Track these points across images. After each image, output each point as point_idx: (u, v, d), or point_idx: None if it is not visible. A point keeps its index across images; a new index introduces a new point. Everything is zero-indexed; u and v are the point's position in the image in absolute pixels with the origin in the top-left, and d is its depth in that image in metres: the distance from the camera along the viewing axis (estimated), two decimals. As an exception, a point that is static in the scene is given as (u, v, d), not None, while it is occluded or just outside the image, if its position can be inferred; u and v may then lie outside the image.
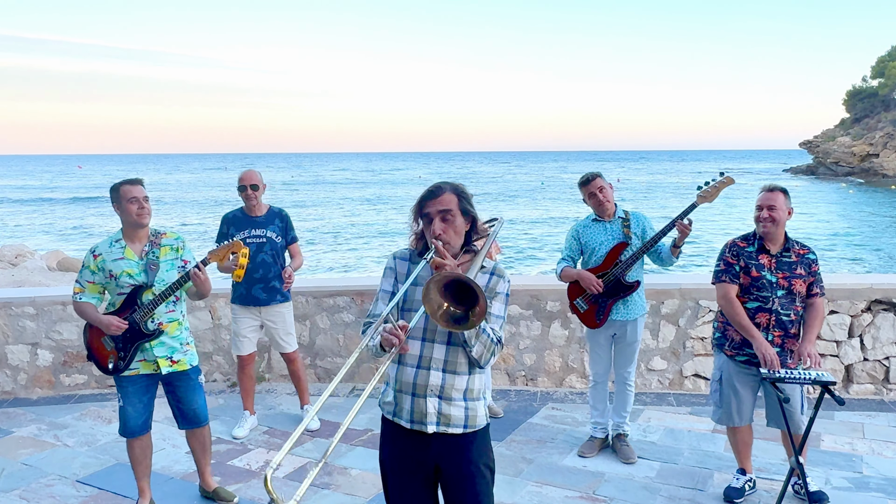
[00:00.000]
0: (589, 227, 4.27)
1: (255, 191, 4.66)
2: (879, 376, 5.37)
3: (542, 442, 4.60)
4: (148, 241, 3.60)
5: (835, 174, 59.37)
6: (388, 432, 2.50)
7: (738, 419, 3.77)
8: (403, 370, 2.39)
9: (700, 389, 5.51)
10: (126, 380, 3.60)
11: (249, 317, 4.80)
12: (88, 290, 3.58)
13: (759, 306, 3.62)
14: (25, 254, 16.51)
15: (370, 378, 5.85)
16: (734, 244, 3.74)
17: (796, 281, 3.61)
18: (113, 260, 3.52)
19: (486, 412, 2.47)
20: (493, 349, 2.28)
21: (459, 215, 2.38)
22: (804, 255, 3.66)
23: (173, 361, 3.61)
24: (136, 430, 3.65)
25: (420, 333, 2.36)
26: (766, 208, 3.58)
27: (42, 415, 5.23)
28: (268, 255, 4.66)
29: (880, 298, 5.30)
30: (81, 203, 47.56)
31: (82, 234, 30.89)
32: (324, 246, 25.63)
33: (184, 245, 3.71)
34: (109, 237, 3.64)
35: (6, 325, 5.71)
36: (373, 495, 3.90)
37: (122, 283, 3.52)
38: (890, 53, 61.88)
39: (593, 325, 4.25)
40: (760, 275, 3.61)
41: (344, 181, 72.25)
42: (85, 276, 3.57)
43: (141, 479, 3.74)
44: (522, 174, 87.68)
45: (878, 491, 3.86)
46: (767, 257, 3.63)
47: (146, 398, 3.66)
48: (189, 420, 3.74)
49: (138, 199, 3.52)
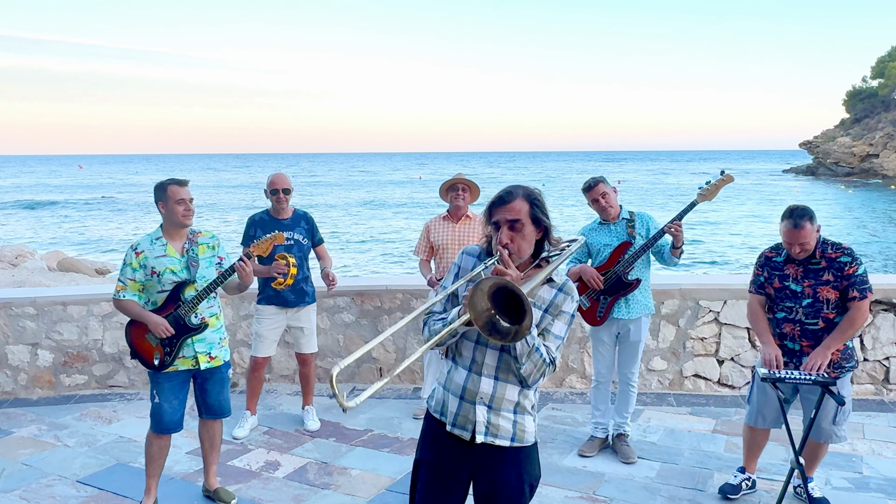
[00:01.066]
0: (595, 231, 4.32)
1: (287, 195, 4.71)
2: (879, 376, 5.37)
3: (542, 442, 4.60)
4: (187, 240, 3.68)
5: (835, 174, 59.39)
6: (430, 430, 2.40)
7: (761, 421, 3.73)
8: (456, 371, 2.32)
9: (700, 390, 5.51)
10: (163, 376, 3.64)
11: (275, 318, 4.82)
12: (130, 288, 3.60)
13: (784, 316, 3.60)
14: (25, 254, 16.51)
15: (370, 378, 5.88)
16: (763, 255, 3.73)
17: (823, 289, 3.50)
18: (156, 257, 3.58)
19: (536, 429, 2.38)
20: (544, 370, 2.18)
21: (530, 224, 2.24)
22: (835, 259, 3.51)
23: (211, 357, 3.69)
24: (169, 426, 3.69)
25: (474, 336, 2.27)
26: (797, 245, 3.46)
27: (42, 415, 5.24)
28: (296, 257, 4.68)
29: (880, 298, 5.30)
30: (81, 203, 47.58)
31: (82, 233, 30.89)
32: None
33: (218, 243, 3.81)
34: (149, 235, 3.68)
35: (6, 326, 5.71)
36: (373, 495, 3.90)
37: (164, 281, 3.58)
38: (890, 54, 61.92)
39: (594, 322, 4.26)
40: (783, 285, 3.58)
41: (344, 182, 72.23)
42: (127, 274, 3.59)
43: (151, 477, 3.77)
44: (523, 174, 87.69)
45: (878, 491, 3.86)
46: (794, 267, 3.57)
47: (181, 395, 3.72)
48: (213, 411, 3.81)
49: (185, 200, 3.58)
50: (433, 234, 5.01)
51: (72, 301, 5.73)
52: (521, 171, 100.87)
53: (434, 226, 5.04)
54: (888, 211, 35.87)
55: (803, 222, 3.41)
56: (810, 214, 3.44)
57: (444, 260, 4.95)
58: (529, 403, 2.34)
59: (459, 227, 4.97)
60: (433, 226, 5.05)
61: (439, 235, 4.98)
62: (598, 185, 4.23)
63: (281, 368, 5.91)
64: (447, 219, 5.02)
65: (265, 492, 3.98)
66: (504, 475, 2.30)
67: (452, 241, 4.94)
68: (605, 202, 4.20)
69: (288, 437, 4.76)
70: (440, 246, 4.96)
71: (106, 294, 5.85)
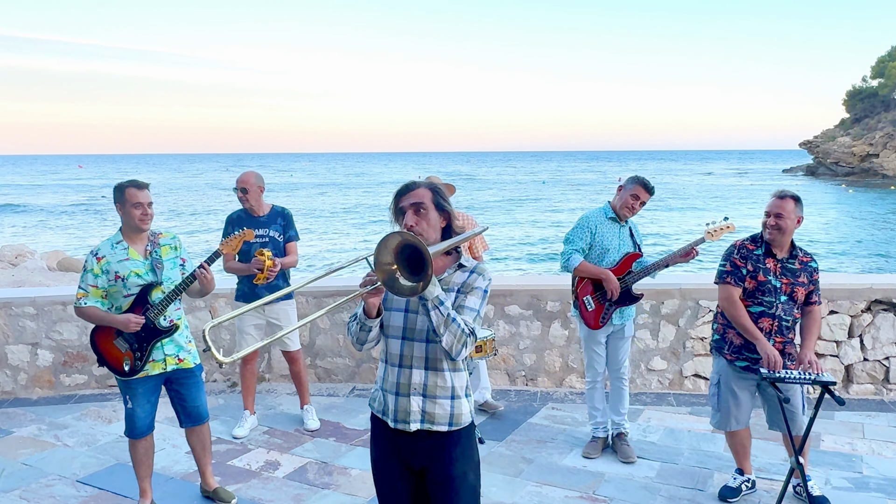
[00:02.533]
0: (604, 225, 4.25)
1: (244, 193, 4.69)
2: (879, 376, 5.37)
3: (542, 442, 4.60)
4: (149, 241, 3.62)
5: (834, 174, 59.38)
6: (377, 431, 2.52)
7: (735, 423, 3.76)
8: (389, 370, 2.43)
9: (700, 389, 5.51)
10: (136, 381, 3.59)
11: (253, 314, 4.82)
12: (92, 295, 3.53)
13: (762, 311, 3.60)
14: (25, 254, 16.50)
15: (371, 378, 5.87)
16: (742, 246, 3.68)
17: (798, 288, 3.60)
18: (118, 261, 3.51)
19: (471, 410, 2.48)
20: (465, 340, 2.26)
21: (433, 209, 2.38)
22: (807, 264, 3.64)
23: (180, 359, 3.66)
24: (143, 431, 3.66)
25: (399, 332, 2.40)
26: (774, 216, 3.54)
27: (42, 415, 5.24)
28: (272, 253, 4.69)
29: (880, 298, 5.31)
30: (82, 203, 47.57)
31: (83, 234, 30.88)
32: (322, 245, 25.64)
33: (180, 243, 3.77)
34: (109, 239, 3.61)
35: (6, 325, 5.71)
36: (372, 495, 3.89)
37: (129, 284, 3.51)
38: (890, 53, 61.90)
39: (595, 325, 4.26)
40: (766, 279, 3.58)
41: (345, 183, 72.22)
42: (88, 280, 3.51)
43: (143, 479, 3.74)
44: (523, 174, 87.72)
45: (878, 491, 3.86)
46: (773, 262, 3.60)
47: (153, 398, 3.69)
48: (192, 418, 3.77)
49: (143, 204, 3.52)
50: None
51: (71, 301, 5.69)
52: (521, 171, 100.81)
53: None
54: (888, 211, 35.87)
55: (787, 195, 3.56)
56: (796, 197, 3.57)
57: None
58: (462, 387, 2.44)
59: None
60: None
61: None
62: (651, 192, 4.27)
63: (280, 368, 5.91)
64: None
65: (265, 491, 3.98)
66: (448, 460, 2.40)
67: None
68: (639, 208, 4.24)
69: (288, 437, 4.76)
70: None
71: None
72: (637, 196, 4.18)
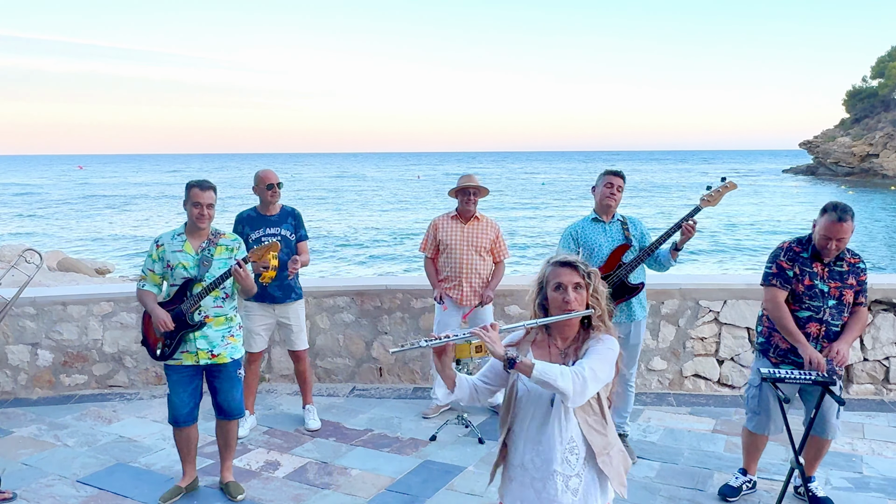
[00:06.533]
0: (587, 228, 4.26)
1: (280, 188, 4.79)
2: (879, 376, 5.37)
3: (542, 442, 4.59)
4: (207, 239, 3.79)
5: (835, 174, 59.39)
6: None
7: (773, 428, 3.68)
8: None
9: (700, 390, 5.51)
10: (171, 369, 3.81)
11: (263, 314, 4.84)
12: (150, 279, 3.79)
13: (810, 316, 3.50)
14: (25, 254, 16.49)
15: (370, 378, 5.88)
16: (790, 248, 3.58)
17: (847, 291, 3.50)
18: (172, 251, 3.74)
19: None
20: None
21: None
22: (855, 265, 3.52)
23: (213, 355, 3.78)
24: (180, 419, 3.83)
25: None
26: (836, 240, 3.40)
27: (42, 415, 5.23)
28: (283, 253, 4.69)
29: (880, 298, 5.31)
30: (83, 203, 47.57)
31: (83, 234, 30.88)
32: (320, 243, 25.65)
33: (240, 246, 3.89)
34: (173, 230, 3.85)
35: (6, 325, 5.70)
36: (373, 495, 3.90)
37: (176, 275, 3.73)
38: (890, 53, 61.93)
39: None
40: (813, 283, 3.50)
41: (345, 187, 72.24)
42: (147, 265, 3.79)
43: (183, 461, 3.95)
44: (524, 174, 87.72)
45: (878, 491, 3.86)
46: (820, 265, 3.51)
47: (190, 388, 3.83)
48: (223, 412, 3.90)
49: (202, 204, 3.70)
50: (441, 233, 5.02)
51: (72, 301, 5.73)
52: (521, 171, 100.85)
53: (442, 224, 5.05)
54: (888, 211, 35.87)
55: (847, 217, 3.37)
56: (852, 213, 3.41)
57: (452, 258, 4.95)
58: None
59: (468, 227, 5.00)
60: (441, 224, 5.05)
61: (447, 234, 4.99)
62: (621, 178, 4.24)
63: (281, 368, 5.91)
64: (456, 218, 5.03)
65: (265, 492, 3.98)
66: None
67: (461, 241, 4.96)
68: (618, 194, 4.21)
69: (288, 437, 4.76)
70: (448, 245, 4.97)
71: (106, 294, 5.86)
72: (610, 184, 4.21)
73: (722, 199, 4.09)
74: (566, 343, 2.39)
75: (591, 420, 2.33)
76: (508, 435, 2.41)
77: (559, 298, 2.32)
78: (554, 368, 2.17)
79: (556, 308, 2.34)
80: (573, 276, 2.34)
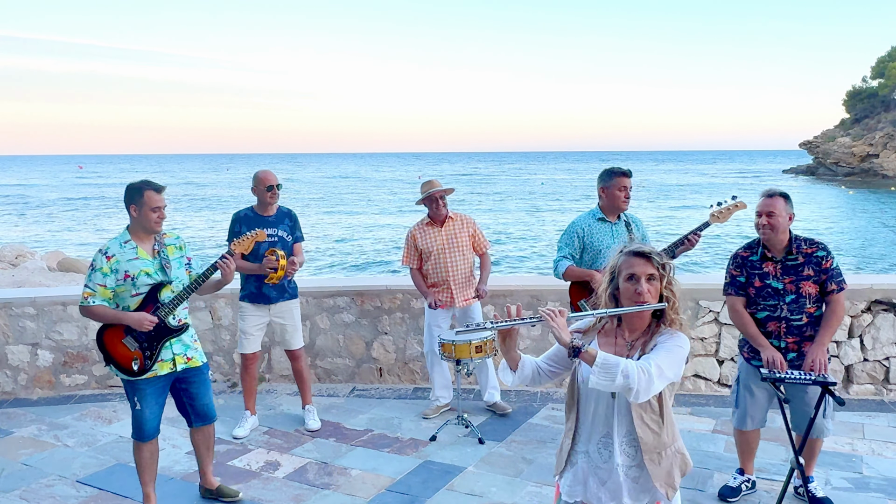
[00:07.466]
0: (593, 227, 4.25)
1: (279, 189, 4.78)
2: (879, 377, 5.37)
3: (542, 442, 4.60)
4: (155, 241, 3.64)
5: (835, 175, 59.36)
6: None
7: (751, 422, 3.73)
8: None
9: (700, 390, 5.51)
10: (145, 382, 3.57)
11: (258, 314, 4.84)
12: (100, 294, 3.48)
13: (767, 315, 3.58)
14: (25, 254, 16.50)
15: (370, 378, 5.88)
16: (737, 255, 3.68)
17: (805, 283, 3.53)
18: (128, 260, 3.50)
19: None
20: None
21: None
22: (812, 254, 3.56)
23: (188, 358, 3.68)
24: (151, 433, 3.65)
25: None
26: (765, 215, 3.52)
27: (42, 415, 5.24)
28: None
29: (880, 299, 5.30)
30: (83, 203, 47.58)
31: (83, 235, 30.88)
32: (319, 243, 25.65)
33: (184, 243, 3.79)
34: (116, 238, 3.59)
35: (6, 326, 5.71)
36: (373, 495, 3.90)
37: (139, 284, 3.50)
38: (890, 54, 61.89)
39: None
40: (764, 283, 3.56)
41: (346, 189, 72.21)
42: (96, 279, 3.47)
43: (146, 484, 3.71)
44: (523, 174, 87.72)
45: (878, 491, 3.86)
46: (772, 264, 3.57)
47: (161, 400, 3.68)
48: (201, 416, 3.79)
49: (160, 208, 3.54)
50: (421, 242, 5.01)
51: (72, 301, 5.73)
52: (523, 171, 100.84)
53: (419, 233, 5.03)
54: (888, 211, 35.87)
55: (776, 196, 3.52)
56: (785, 195, 3.55)
57: (438, 264, 4.95)
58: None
59: (445, 229, 5.00)
60: (418, 233, 5.04)
61: (427, 242, 4.98)
62: (630, 177, 4.22)
63: (280, 368, 5.91)
64: (431, 224, 5.03)
65: (265, 492, 3.98)
66: None
67: (442, 245, 4.96)
68: (627, 196, 4.20)
69: (288, 437, 4.76)
70: (430, 252, 4.97)
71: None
72: (623, 187, 4.20)
73: (730, 219, 4.12)
74: (634, 335, 2.35)
75: (647, 417, 2.29)
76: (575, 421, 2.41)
77: (631, 289, 2.27)
78: (618, 363, 2.12)
79: (628, 299, 2.28)
80: (647, 266, 2.27)
